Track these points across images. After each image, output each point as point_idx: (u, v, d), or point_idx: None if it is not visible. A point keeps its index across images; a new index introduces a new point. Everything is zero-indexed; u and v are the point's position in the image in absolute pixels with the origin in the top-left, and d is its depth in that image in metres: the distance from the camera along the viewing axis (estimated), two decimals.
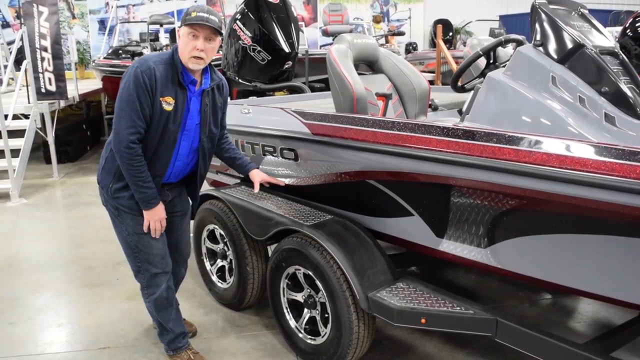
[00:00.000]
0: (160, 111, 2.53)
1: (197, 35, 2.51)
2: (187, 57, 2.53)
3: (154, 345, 3.21)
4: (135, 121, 2.49)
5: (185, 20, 2.52)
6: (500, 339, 2.35)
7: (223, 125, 2.95)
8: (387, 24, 16.30)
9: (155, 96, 2.51)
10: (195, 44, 2.51)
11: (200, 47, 2.51)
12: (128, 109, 2.49)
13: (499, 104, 2.57)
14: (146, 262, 2.78)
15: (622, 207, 1.84)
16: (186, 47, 2.53)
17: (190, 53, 2.52)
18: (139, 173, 2.55)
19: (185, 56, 2.54)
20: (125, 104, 2.50)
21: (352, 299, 2.62)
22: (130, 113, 2.49)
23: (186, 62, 2.55)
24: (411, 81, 3.54)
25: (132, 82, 2.49)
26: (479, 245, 2.53)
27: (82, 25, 14.89)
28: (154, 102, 2.51)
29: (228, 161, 3.14)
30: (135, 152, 2.52)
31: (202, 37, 2.52)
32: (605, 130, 2.28)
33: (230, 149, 3.12)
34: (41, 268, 4.46)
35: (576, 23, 2.54)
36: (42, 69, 7.49)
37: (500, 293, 3.86)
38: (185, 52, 2.53)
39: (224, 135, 3.04)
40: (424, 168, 2.43)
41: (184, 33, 2.54)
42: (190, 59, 2.53)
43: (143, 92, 2.48)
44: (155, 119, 2.54)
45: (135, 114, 2.48)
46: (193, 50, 2.51)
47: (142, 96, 2.48)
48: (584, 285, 2.24)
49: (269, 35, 5.09)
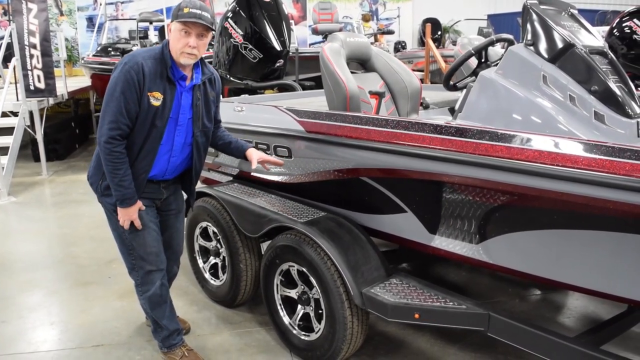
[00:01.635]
0: (147, 106, 2.52)
1: (189, 32, 2.49)
2: (179, 53, 2.52)
3: (148, 343, 3.22)
4: (118, 117, 2.49)
5: (177, 16, 2.49)
6: (493, 334, 2.39)
7: (217, 119, 2.95)
8: (376, 22, 16.35)
9: (143, 91, 2.50)
10: (188, 41, 2.49)
11: (192, 45, 2.50)
12: (112, 104, 2.49)
13: (491, 102, 2.61)
14: (140, 259, 2.78)
15: (612, 202, 1.88)
16: (177, 43, 2.51)
17: (181, 49, 2.50)
18: (116, 170, 2.54)
19: (176, 52, 2.53)
20: (110, 99, 2.50)
21: (346, 295, 2.65)
22: (114, 108, 2.49)
23: (177, 57, 2.54)
24: (403, 79, 3.57)
25: (119, 78, 2.49)
26: (471, 241, 2.57)
27: (70, 23, 14.78)
28: (141, 97, 2.50)
29: (223, 148, 3.04)
30: (114, 148, 2.51)
31: (194, 34, 2.50)
32: (595, 128, 2.33)
33: (224, 136, 3.02)
34: (32, 267, 4.44)
35: (566, 23, 2.59)
36: (31, 66, 7.42)
37: (491, 289, 3.91)
38: (177, 48, 2.52)
39: (218, 127, 3.01)
40: (418, 165, 2.46)
41: (175, 29, 2.51)
42: (181, 54, 2.52)
43: (129, 88, 2.48)
44: (142, 114, 2.53)
45: (119, 110, 2.48)
46: (185, 47, 2.50)
47: (127, 92, 2.48)
48: (574, 279, 2.28)
49: (260, 33, 5.10)
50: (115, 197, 2.62)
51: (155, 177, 2.74)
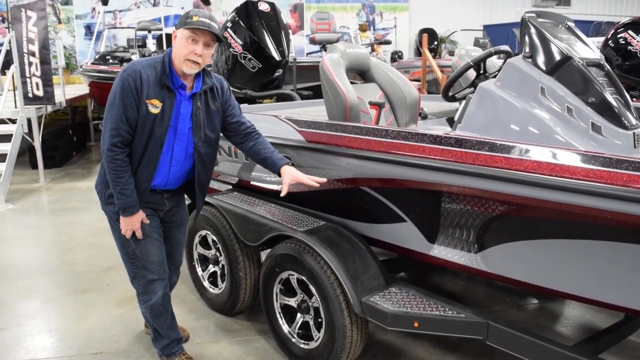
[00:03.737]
0: (146, 114, 2.53)
1: (197, 40, 2.51)
2: (182, 60, 2.53)
3: (147, 351, 3.22)
4: (118, 124, 2.51)
5: (186, 23, 2.50)
6: (491, 342, 2.41)
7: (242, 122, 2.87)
8: (373, 32, 16.45)
9: (141, 98, 2.52)
10: (194, 49, 2.50)
11: (199, 52, 2.51)
12: (113, 112, 2.52)
13: (489, 113, 2.65)
14: (143, 268, 2.78)
15: (609, 212, 1.91)
16: (183, 50, 2.51)
17: (186, 56, 2.51)
18: (118, 177, 2.56)
19: (180, 59, 2.53)
20: (110, 107, 2.54)
21: (345, 303, 2.67)
22: (114, 116, 2.51)
23: (180, 65, 2.54)
24: (402, 90, 3.61)
25: (118, 85, 2.52)
26: (470, 251, 2.59)
27: (68, 30, 14.82)
28: (139, 104, 2.52)
29: (262, 164, 2.89)
30: (116, 156, 2.53)
31: (202, 42, 2.52)
32: (592, 139, 2.37)
33: (261, 150, 2.84)
34: (30, 273, 4.44)
35: (563, 36, 2.63)
36: (30, 74, 7.45)
37: (488, 298, 3.93)
38: (182, 55, 2.52)
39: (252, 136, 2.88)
40: (418, 175, 2.49)
41: (182, 36, 2.52)
42: (185, 61, 2.52)
43: (127, 95, 2.50)
44: (141, 121, 2.54)
45: (119, 117, 2.51)
46: (190, 54, 2.51)
47: (126, 99, 2.50)
48: (571, 288, 2.30)
49: (259, 43, 5.13)
50: (118, 206, 2.63)
51: (158, 187, 2.74)
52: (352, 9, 16.63)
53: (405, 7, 16.93)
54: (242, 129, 2.88)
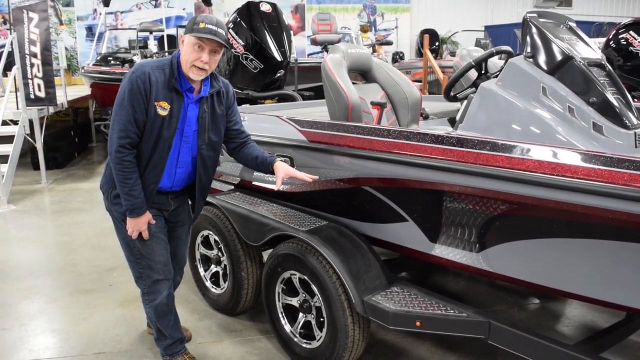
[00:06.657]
0: (154, 116, 2.54)
1: (203, 47, 2.50)
2: (189, 67, 2.53)
3: (150, 351, 3.23)
4: (127, 126, 2.51)
5: (193, 30, 2.50)
6: (493, 342, 2.41)
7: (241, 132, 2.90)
8: (374, 33, 16.48)
9: (150, 101, 2.52)
10: (201, 56, 2.50)
11: (205, 60, 2.51)
12: (122, 113, 2.52)
13: (491, 113, 2.66)
14: (148, 268, 2.79)
15: (611, 212, 1.92)
16: (190, 56, 2.52)
17: (193, 63, 2.52)
18: (126, 179, 2.56)
19: (187, 65, 2.54)
20: (119, 109, 2.54)
21: (348, 303, 2.68)
22: (123, 118, 2.52)
23: (187, 70, 2.55)
24: (404, 90, 3.62)
25: (127, 87, 2.52)
26: (472, 250, 2.60)
27: (70, 32, 14.87)
28: (148, 106, 2.52)
29: (253, 166, 2.92)
30: (124, 157, 2.54)
31: (208, 49, 2.51)
32: (594, 139, 2.37)
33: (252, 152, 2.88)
34: (33, 274, 4.46)
35: (565, 36, 2.64)
36: (32, 75, 7.47)
37: (490, 298, 3.93)
38: (189, 62, 2.53)
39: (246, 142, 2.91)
40: (420, 175, 2.50)
41: (189, 42, 2.52)
42: (191, 68, 2.53)
43: (136, 97, 2.50)
44: (149, 124, 2.55)
45: (128, 118, 2.51)
46: (197, 61, 2.51)
47: (135, 101, 2.50)
48: (573, 288, 2.31)
49: (261, 43, 5.16)
50: (125, 207, 2.64)
51: (164, 189, 2.75)
52: (354, 10, 16.67)
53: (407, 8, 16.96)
54: (242, 137, 2.91)
